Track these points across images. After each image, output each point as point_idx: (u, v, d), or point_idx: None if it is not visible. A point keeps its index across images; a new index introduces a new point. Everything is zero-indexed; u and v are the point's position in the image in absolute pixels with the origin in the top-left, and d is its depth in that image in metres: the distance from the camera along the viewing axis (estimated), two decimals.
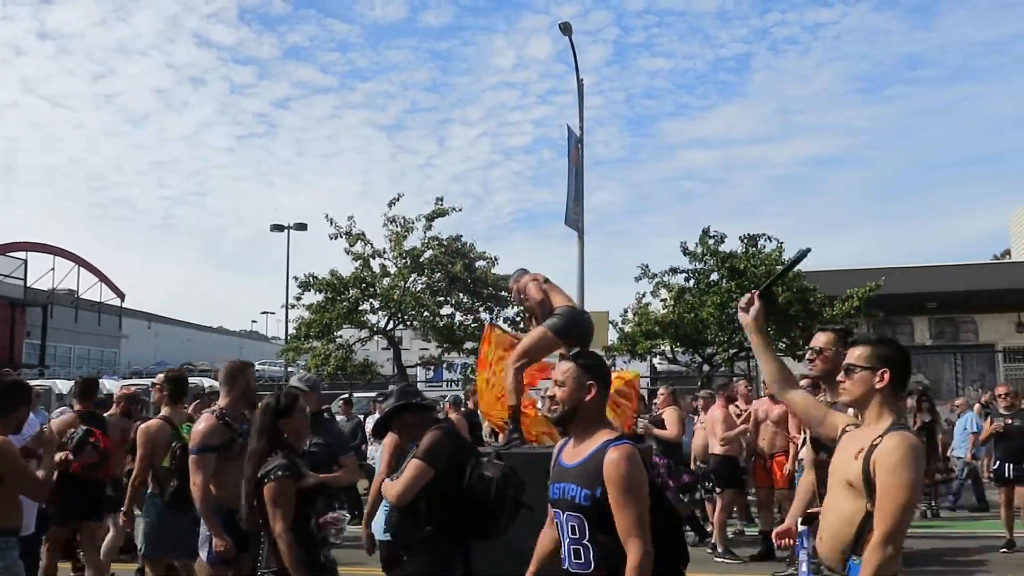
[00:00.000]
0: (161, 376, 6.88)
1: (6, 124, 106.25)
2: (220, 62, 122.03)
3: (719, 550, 9.45)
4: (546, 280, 6.62)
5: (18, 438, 5.27)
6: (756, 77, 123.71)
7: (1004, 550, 9.61)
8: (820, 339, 4.37)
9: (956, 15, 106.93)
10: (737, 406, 10.85)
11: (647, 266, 19.09)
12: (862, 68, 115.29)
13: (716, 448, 9.92)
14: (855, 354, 3.24)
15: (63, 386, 24.16)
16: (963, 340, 25.38)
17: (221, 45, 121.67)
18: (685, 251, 18.56)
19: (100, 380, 25.38)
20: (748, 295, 3.76)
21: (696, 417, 11.34)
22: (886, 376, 3.12)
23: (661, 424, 9.86)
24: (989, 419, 10.29)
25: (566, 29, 17.52)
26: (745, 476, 10.50)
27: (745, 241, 18.41)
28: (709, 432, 10.14)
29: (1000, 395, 10.26)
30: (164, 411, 6.51)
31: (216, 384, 27.37)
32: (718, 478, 9.89)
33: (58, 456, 6.00)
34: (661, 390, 10.88)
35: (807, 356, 4.33)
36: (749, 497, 11.53)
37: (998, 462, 9.95)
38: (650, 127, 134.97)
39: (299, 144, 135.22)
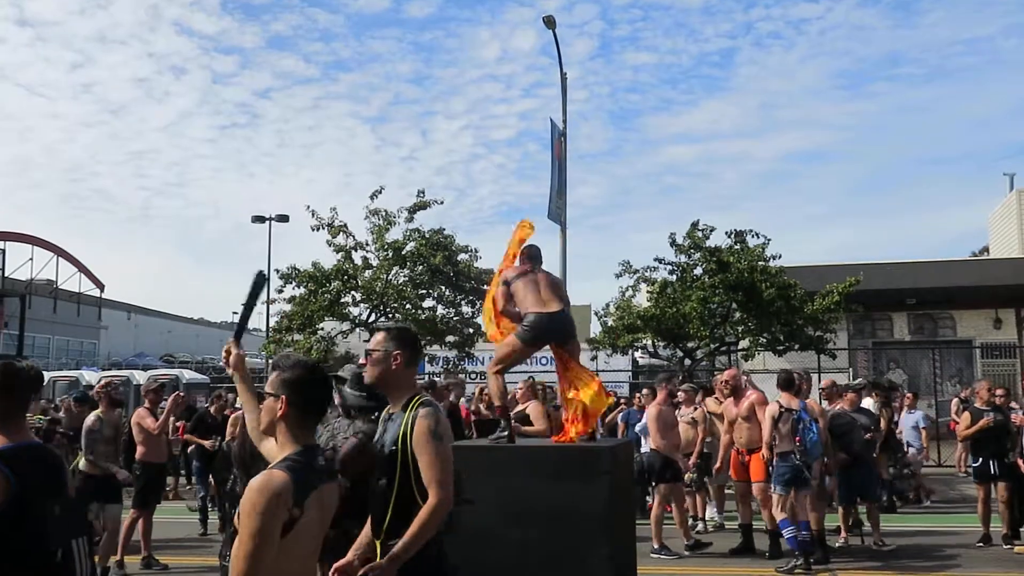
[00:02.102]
0: None
1: None
2: (201, 51, 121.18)
3: (655, 546, 9.46)
4: (525, 273, 6.64)
5: None
6: (740, 72, 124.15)
7: (980, 544, 9.72)
8: (374, 339, 3.87)
9: (937, 13, 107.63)
10: (717, 399, 10.93)
11: (628, 262, 19.13)
12: (845, 64, 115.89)
13: (654, 443, 10.06)
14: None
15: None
16: (941, 336, 25.60)
17: (203, 34, 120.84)
18: (673, 243, 18.60)
19: (80, 371, 25.11)
20: (226, 347, 3.55)
21: (676, 411, 11.37)
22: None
23: (527, 420, 9.33)
24: (967, 414, 10.31)
25: (550, 23, 17.51)
26: (693, 471, 10.78)
27: (732, 236, 18.46)
28: (649, 427, 10.22)
29: (988, 390, 10.21)
30: None
31: (197, 377, 27.14)
32: (652, 473, 9.98)
33: None
34: (519, 383, 10.62)
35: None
36: (727, 491, 11.62)
37: (980, 458, 9.95)
38: (634, 121, 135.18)
39: (281, 135, 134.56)
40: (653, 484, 10.09)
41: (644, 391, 12.59)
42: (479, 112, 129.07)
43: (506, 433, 6.55)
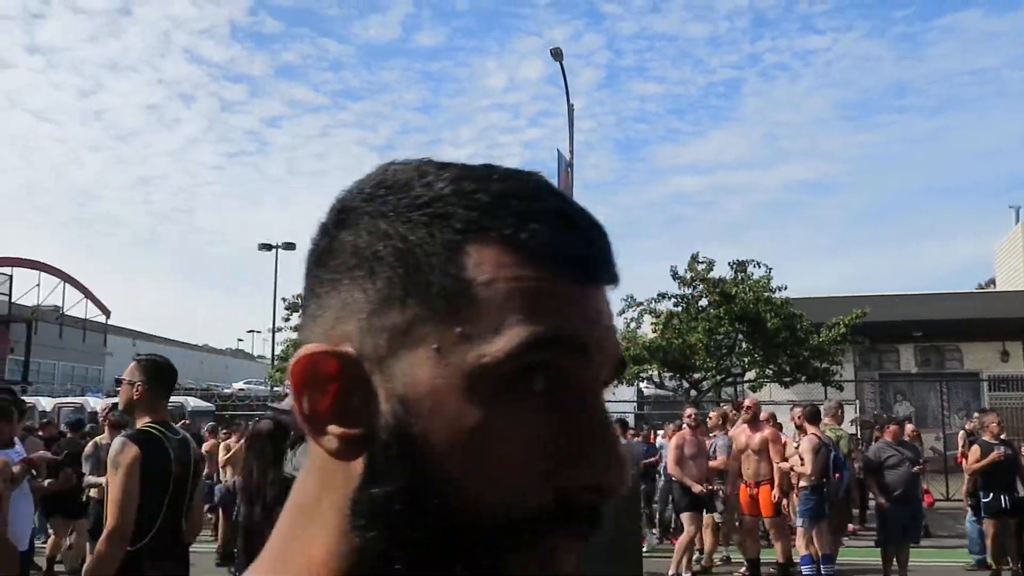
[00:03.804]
0: None
1: None
2: (211, 79, 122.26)
3: (671, 572, 9.37)
4: None
5: (15, 452, 5.29)
6: (746, 103, 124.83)
7: None
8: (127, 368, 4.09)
9: (944, 45, 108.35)
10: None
11: (632, 296, 19.13)
12: (851, 95, 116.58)
13: (671, 471, 9.95)
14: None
15: (47, 403, 23.98)
16: (948, 368, 25.48)
17: (212, 62, 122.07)
18: (675, 276, 18.61)
19: (84, 398, 25.10)
20: None
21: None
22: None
23: None
24: (974, 447, 10.23)
25: (557, 55, 17.64)
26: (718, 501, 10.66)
27: (734, 267, 18.47)
28: (670, 454, 10.11)
29: (997, 424, 10.10)
30: None
31: (202, 404, 27.15)
32: (678, 504, 9.92)
33: (47, 481, 6.03)
34: None
35: None
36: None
37: (992, 494, 9.81)
38: (640, 151, 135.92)
39: (289, 163, 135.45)
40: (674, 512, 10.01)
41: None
42: (485, 141, 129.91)
43: None
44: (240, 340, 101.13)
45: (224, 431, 14.42)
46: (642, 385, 25.42)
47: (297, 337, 0.63)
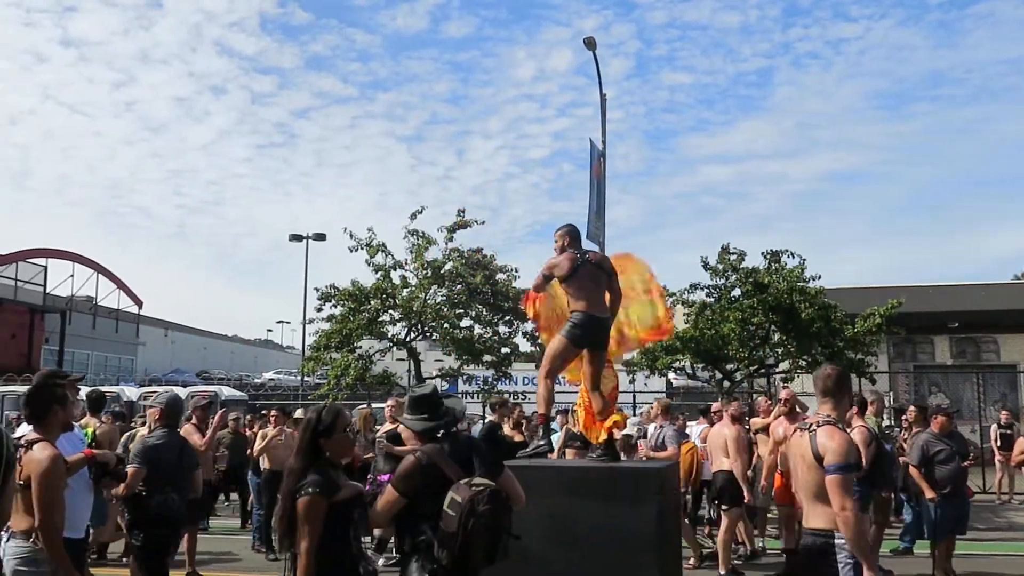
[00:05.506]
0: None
1: (24, 131, 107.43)
2: (241, 71, 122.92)
3: (722, 572, 9.30)
4: (572, 272, 6.50)
5: (75, 436, 5.28)
6: (777, 92, 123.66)
7: None
8: None
9: (980, 33, 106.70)
10: (762, 417, 10.83)
11: (665, 287, 18.99)
12: (884, 84, 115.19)
13: (723, 465, 9.82)
14: None
15: (81, 392, 24.23)
16: (984, 360, 25.19)
17: (242, 54, 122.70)
18: (706, 266, 18.50)
19: (120, 387, 25.28)
20: None
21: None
22: None
23: (398, 439, 9.12)
24: (1020, 440, 10.13)
25: (590, 44, 17.52)
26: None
27: (768, 257, 18.33)
28: (715, 448, 10.02)
29: None
30: None
31: (235, 394, 27.22)
32: (723, 496, 9.82)
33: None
34: (389, 401, 10.92)
35: None
36: (768, 515, 11.48)
37: None
38: (669, 141, 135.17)
39: (317, 154, 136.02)
40: (724, 507, 9.83)
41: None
42: (514, 132, 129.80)
43: (544, 444, 6.49)
44: (269, 330, 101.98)
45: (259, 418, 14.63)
46: (671, 375, 25.32)
47: None
